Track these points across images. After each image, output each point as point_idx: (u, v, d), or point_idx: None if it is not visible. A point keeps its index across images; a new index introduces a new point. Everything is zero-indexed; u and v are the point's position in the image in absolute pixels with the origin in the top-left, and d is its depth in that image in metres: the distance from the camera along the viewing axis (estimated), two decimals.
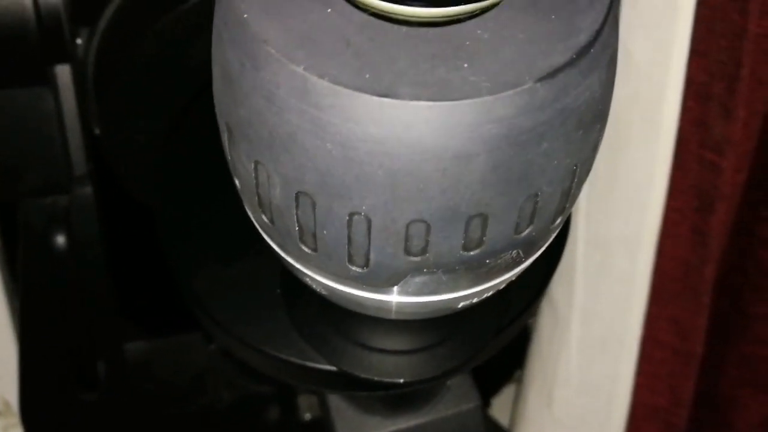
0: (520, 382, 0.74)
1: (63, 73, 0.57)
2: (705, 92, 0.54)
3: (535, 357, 0.69)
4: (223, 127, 0.33)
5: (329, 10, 0.29)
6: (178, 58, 0.56)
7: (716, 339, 0.62)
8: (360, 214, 0.30)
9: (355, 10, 0.29)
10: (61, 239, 0.59)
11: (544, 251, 0.37)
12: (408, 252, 0.31)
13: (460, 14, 0.30)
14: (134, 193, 0.62)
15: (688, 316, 0.61)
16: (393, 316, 0.37)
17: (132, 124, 0.59)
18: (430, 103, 0.27)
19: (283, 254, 0.35)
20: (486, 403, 0.77)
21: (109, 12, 0.56)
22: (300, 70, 0.28)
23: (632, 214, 0.59)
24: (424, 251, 0.31)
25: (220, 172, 0.36)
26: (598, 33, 0.29)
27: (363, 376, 0.43)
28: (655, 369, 0.63)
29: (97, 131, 0.60)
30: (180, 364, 0.68)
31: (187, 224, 0.48)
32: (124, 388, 0.61)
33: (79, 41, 0.57)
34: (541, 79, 0.28)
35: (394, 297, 0.34)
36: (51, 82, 0.56)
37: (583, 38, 0.29)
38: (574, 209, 0.61)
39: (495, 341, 0.45)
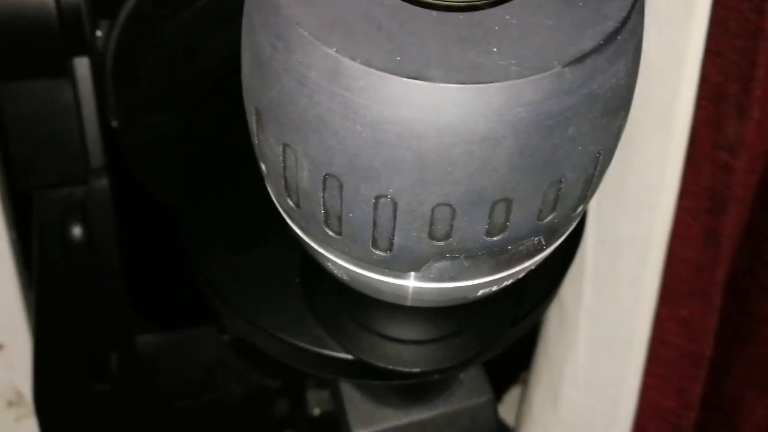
0: (526, 382, 0.74)
1: (82, 65, 0.57)
2: (719, 92, 0.55)
3: (541, 356, 0.69)
4: (251, 111, 0.33)
5: None
6: (196, 52, 0.57)
7: (725, 341, 0.63)
8: (387, 196, 0.31)
9: None
10: (76, 231, 0.60)
11: (560, 243, 0.38)
12: (432, 236, 0.32)
13: (489, 0, 0.30)
14: (150, 187, 0.62)
15: (698, 317, 0.61)
16: (411, 303, 0.37)
17: (149, 117, 0.59)
18: (460, 86, 0.28)
19: (306, 238, 0.36)
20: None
21: (129, 5, 0.56)
22: (332, 52, 0.28)
23: (643, 215, 0.60)
24: (448, 236, 0.32)
25: (239, 162, 0.37)
26: (625, 20, 0.30)
27: (379, 364, 0.43)
28: (663, 370, 0.64)
29: (114, 124, 0.60)
30: (191, 357, 0.69)
31: (205, 213, 0.48)
32: (135, 380, 0.62)
33: (98, 33, 0.57)
34: (569, 64, 0.28)
35: (415, 282, 0.35)
36: (70, 75, 0.57)
37: (610, 25, 0.29)
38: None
39: (510, 333, 0.45)
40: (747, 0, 0.51)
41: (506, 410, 0.79)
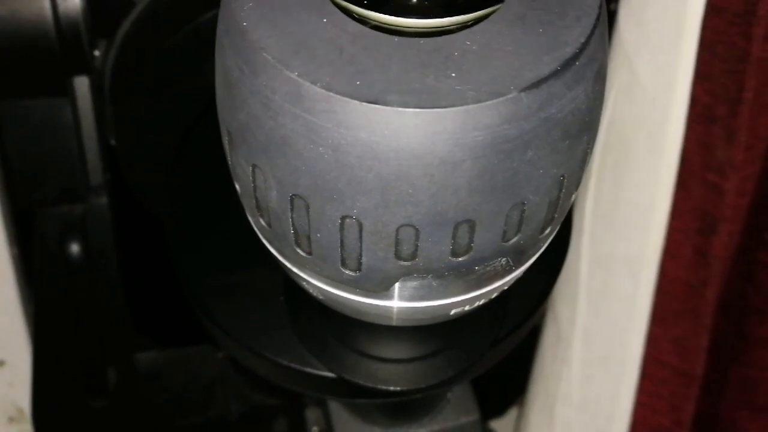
0: (523, 399, 0.74)
1: (81, 84, 0.58)
2: (709, 114, 0.55)
3: (537, 375, 0.70)
4: (224, 133, 0.34)
5: (325, 20, 0.30)
6: (193, 72, 0.57)
7: (717, 361, 0.63)
8: (352, 217, 0.31)
9: (350, 21, 0.30)
10: (76, 248, 0.60)
11: (543, 264, 0.38)
12: (398, 256, 0.32)
13: (451, 26, 0.31)
14: (148, 204, 0.63)
15: (690, 337, 0.62)
16: (388, 322, 0.38)
17: (146, 136, 0.60)
18: (417, 110, 0.28)
19: (281, 258, 0.36)
20: (488, 423, 0.78)
21: (126, 24, 0.57)
22: (294, 76, 0.29)
23: (635, 235, 0.60)
24: (413, 256, 0.32)
25: (228, 182, 0.37)
26: (584, 46, 0.30)
27: (361, 383, 0.44)
28: (657, 389, 0.64)
29: (112, 142, 0.61)
30: (190, 375, 0.69)
31: (195, 233, 0.49)
32: (133, 397, 0.62)
33: (96, 53, 0.58)
34: (525, 89, 0.29)
35: (388, 302, 0.35)
36: (69, 93, 0.58)
37: (569, 50, 0.30)
38: (578, 227, 0.62)
39: (492, 353, 0.46)
40: (734, 24, 0.52)
41: (503, 428, 0.79)
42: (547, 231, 0.35)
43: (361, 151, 0.29)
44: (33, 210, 0.61)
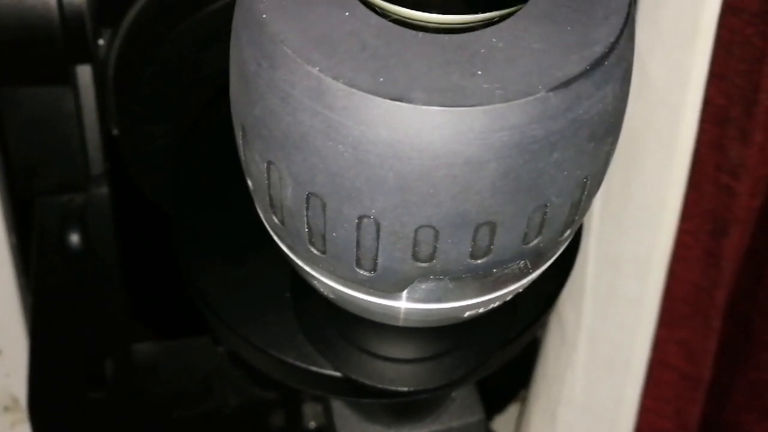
0: (524, 400, 0.74)
1: (84, 73, 0.57)
2: (722, 115, 0.54)
3: (540, 376, 0.69)
4: (238, 128, 0.33)
5: (347, 14, 0.29)
6: (197, 62, 0.56)
7: (724, 364, 0.62)
8: (369, 217, 0.30)
9: (373, 15, 0.30)
10: (75, 238, 0.60)
11: (554, 264, 0.37)
12: (416, 257, 0.32)
13: (477, 22, 0.30)
14: (150, 195, 0.62)
15: (698, 340, 0.61)
16: (399, 323, 0.37)
17: (150, 126, 0.59)
18: (442, 109, 0.28)
19: (292, 256, 0.35)
20: (488, 420, 0.77)
21: (131, 14, 0.56)
22: (315, 71, 0.28)
23: (644, 236, 0.59)
24: (431, 257, 0.32)
25: (235, 175, 0.37)
26: (613, 45, 0.29)
27: (367, 383, 0.43)
28: (663, 392, 0.63)
29: (115, 131, 0.60)
30: (187, 367, 0.69)
31: (199, 225, 0.48)
32: (131, 388, 0.62)
33: (101, 42, 0.57)
34: (553, 89, 0.28)
35: (401, 303, 0.34)
36: (72, 82, 0.57)
37: (598, 50, 0.29)
38: (585, 228, 0.61)
39: (501, 354, 0.45)
40: (751, 24, 0.51)
41: (504, 429, 0.78)
42: (567, 233, 0.34)
43: (382, 150, 0.28)
44: (33, 199, 0.61)
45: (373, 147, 0.28)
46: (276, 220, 0.34)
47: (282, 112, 0.29)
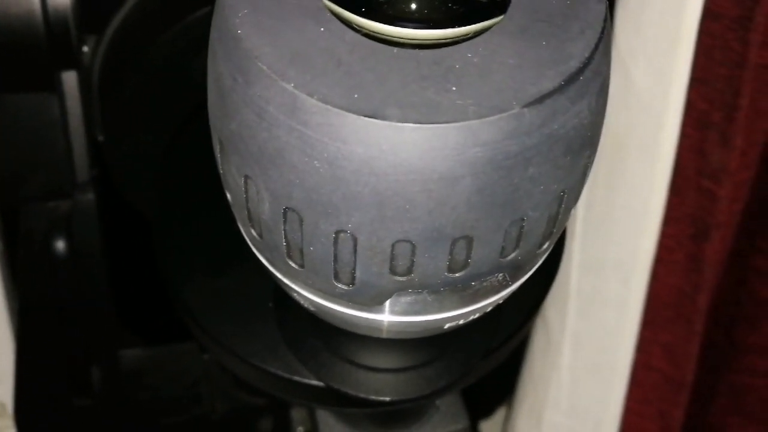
0: (511, 404, 0.74)
1: (69, 79, 0.57)
2: (704, 120, 0.54)
3: (526, 379, 0.69)
4: (216, 141, 0.33)
5: (322, 29, 0.29)
6: (182, 70, 0.56)
7: (707, 367, 0.62)
8: (346, 232, 0.30)
9: (348, 30, 0.30)
10: (61, 244, 0.59)
11: (537, 273, 0.37)
12: (393, 271, 0.32)
13: (452, 37, 0.30)
14: (134, 202, 0.62)
15: (681, 343, 0.61)
16: (379, 335, 0.37)
17: (135, 133, 0.59)
18: (417, 125, 0.28)
19: (271, 269, 0.35)
20: (475, 424, 0.77)
21: (116, 21, 0.56)
22: (290, 87, 0.28)
23: (627, 240, 0.59)
24: (409, 271, 0.32)
25: (218, 184, 0.37)
26: (589, 60, 0.29)
27: (351, 393, 0.43)
28: (646, 394, 0.63)
29: (100, 138, 0.60)
30: (175, 373, 0.69)
31: (182, 235, 0.48)
32: (118, 395, 0.62)
33: (85, 49, 0.57)
34: (528, 105, 0.28)
35: (380, 316, 0.35)
36: (57, 88, 0.57)
37: (573, 65, 0.29)
38: (569, 232, 0.61)
39: (485, 362, 0.45)
40: (731, 29, 0.51)
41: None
42: (545, 245, 0.34)
43: (357, 166, 0.28)
44: (18, 206, 0.60)
45: (348, 163, 0.28)
46: (254, 233, 0.34)
47: (258, 128, 0.29)
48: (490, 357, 0.45)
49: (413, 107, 0.28)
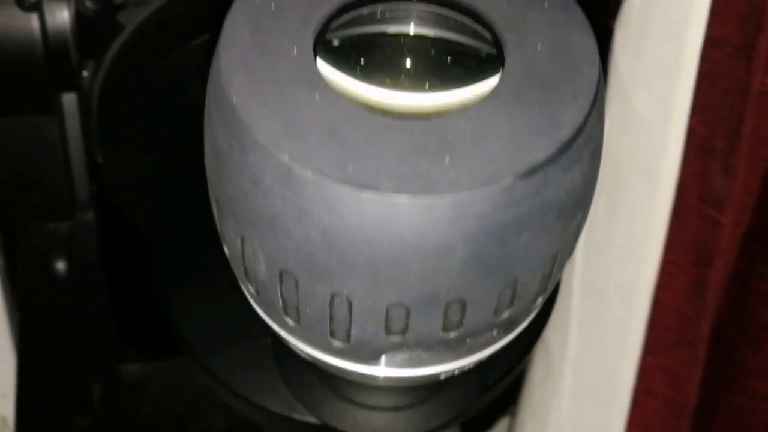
0: (512, 417, 0.74)
1: (69, 100, 0.57)
2: (706, 146, 0.54)
3: (527, 404, 0.69)
4: (213, 199, 0.33)
5: (317, 99, 0.29)
6: (181, 95, 0.56)
7: (709, 390, 0.62)
8: (341, 295, 0.30)
9: (342, 99, 0.30)
10: (61, 264, 0.60)
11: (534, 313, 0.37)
12: (388, 331, 0.32)
13: (446, 106, 0.30)
14: (135, 222, 0.62)
15: (683, 368, 0.61)
16: (375, 383, 0.37)
17: (134, 157, 0.59)
18: (410, 197, 0.28)
19: (268, 321, 0.35)
20: None
21: (116, 46, 0.56)
22: (285, 158, 0.28)
23: (629, 265, 0.59)
24: (404, 331, 0.32)
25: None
26: (581, 127, 0.29)
27: (347, 431, 0.43)
28: (648, 419, 0.63)
29: (100, 159, 0.60)
30: (174, 388, 0.69)
31: (180, 266, 0.48)
32: (118, 411, 0.62)
33: (85, 73, 0.57)
34: (520, 176, 0.28)
35: (375, 369, 0.35)
36: (57, 110, 0.57)
37: (565, 133, 0.29)
38: (570, 258, 0.61)
39: (482, 399, 0.45)
40: (734, 57, 0.51)
41: None
42: (538, 301, 0.34)
43: (351, 236, 0.28)
44: (19, 226, 0.61)
45: (342, 234, 0.28)
46: (251, 289, 0.34)
47: (253, 194, 0.29)
48: (487, 393, 0.45)
49: (406, 179, 0.28)
